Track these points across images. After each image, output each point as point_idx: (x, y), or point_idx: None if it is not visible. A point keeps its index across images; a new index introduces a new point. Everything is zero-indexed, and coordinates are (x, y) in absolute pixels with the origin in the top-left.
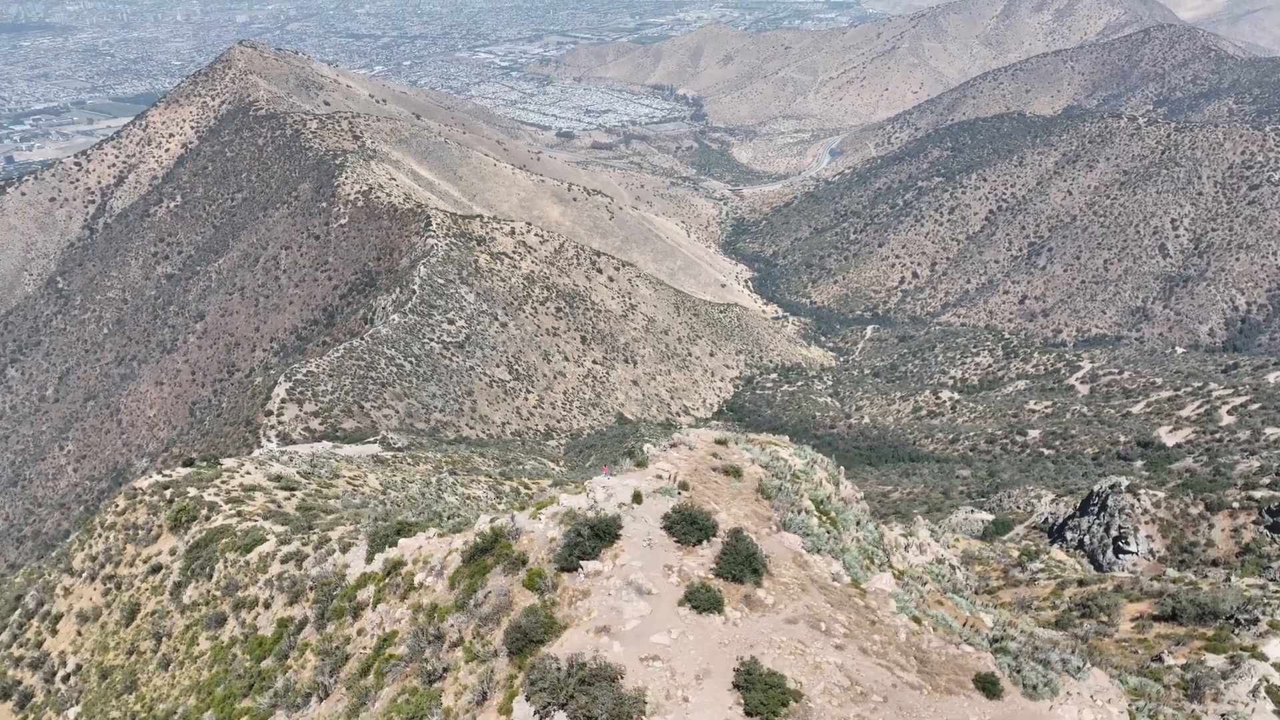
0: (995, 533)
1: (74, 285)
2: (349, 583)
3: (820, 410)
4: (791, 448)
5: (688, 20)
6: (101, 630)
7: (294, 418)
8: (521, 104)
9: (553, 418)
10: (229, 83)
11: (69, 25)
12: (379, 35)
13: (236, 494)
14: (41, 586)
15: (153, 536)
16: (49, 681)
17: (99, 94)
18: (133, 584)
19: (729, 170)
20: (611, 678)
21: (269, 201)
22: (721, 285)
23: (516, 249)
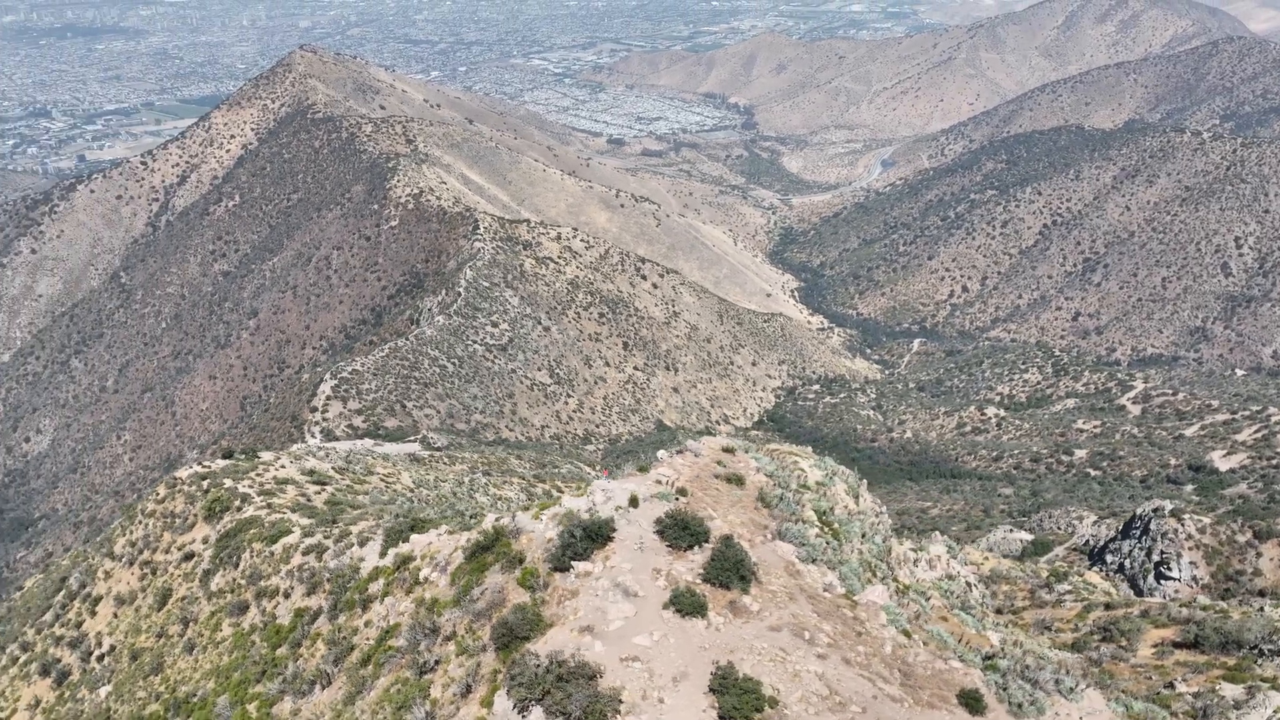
0: (1034, 553)
1: (136, 280)
2: (362, 576)
3: (862, 423)
4: (812, 459)
5: (742, 29)
6: (135, 613)
7: (338, 415)
8: (573, 110)
9: (592, 422)
10: (289, 86)
11: (141, 29)
12: (436, 41)
13: (269, 487)
14: (85, 569)
15: (188, 525)
16: (85, 661)
17: (167, 96)
18: (167, 570)
19: (778, 179)
20: (590, 676)
21: (323, 202)
22: (767, 295)
23: (562, 254)
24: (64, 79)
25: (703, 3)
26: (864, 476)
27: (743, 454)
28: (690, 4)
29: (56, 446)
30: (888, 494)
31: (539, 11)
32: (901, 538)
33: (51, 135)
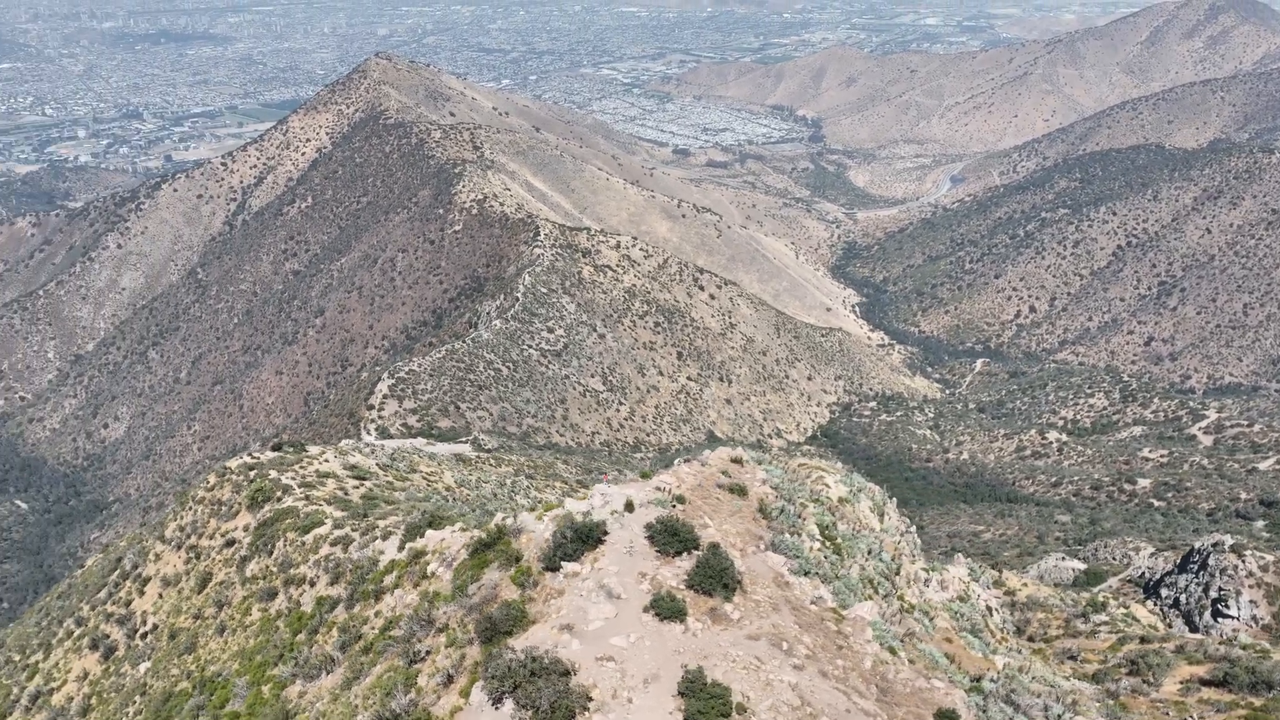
0: (1086, 583)
1: (211, 276)
2: (379, 568)
3: (917, 442)
4: (838, 475)
5: (812, 41)
6: (178, 595)
7: (393, 413)
8: (640, 120)
9: (642, 431)
10: (363, 92)
11: (229, 36)
12: (508, 50)
13: (310, 479)
14: (138, 551)
15: (232, 513)
16: (131, 638)
17: (250, 100)
18: (209, 555)
19: (844, 193)
20: (563, 672)
21: (390, 206)
22: (827, 309)
23: (620, 262)
24: (156, 83)
25: (774, 15)
26: (916, 497)
27: (751, 465)
28: (761, 16)
29: (131, 434)
30: (940, 515)
31: (610, 22)
32: (914, 558)
33: (142, 136)
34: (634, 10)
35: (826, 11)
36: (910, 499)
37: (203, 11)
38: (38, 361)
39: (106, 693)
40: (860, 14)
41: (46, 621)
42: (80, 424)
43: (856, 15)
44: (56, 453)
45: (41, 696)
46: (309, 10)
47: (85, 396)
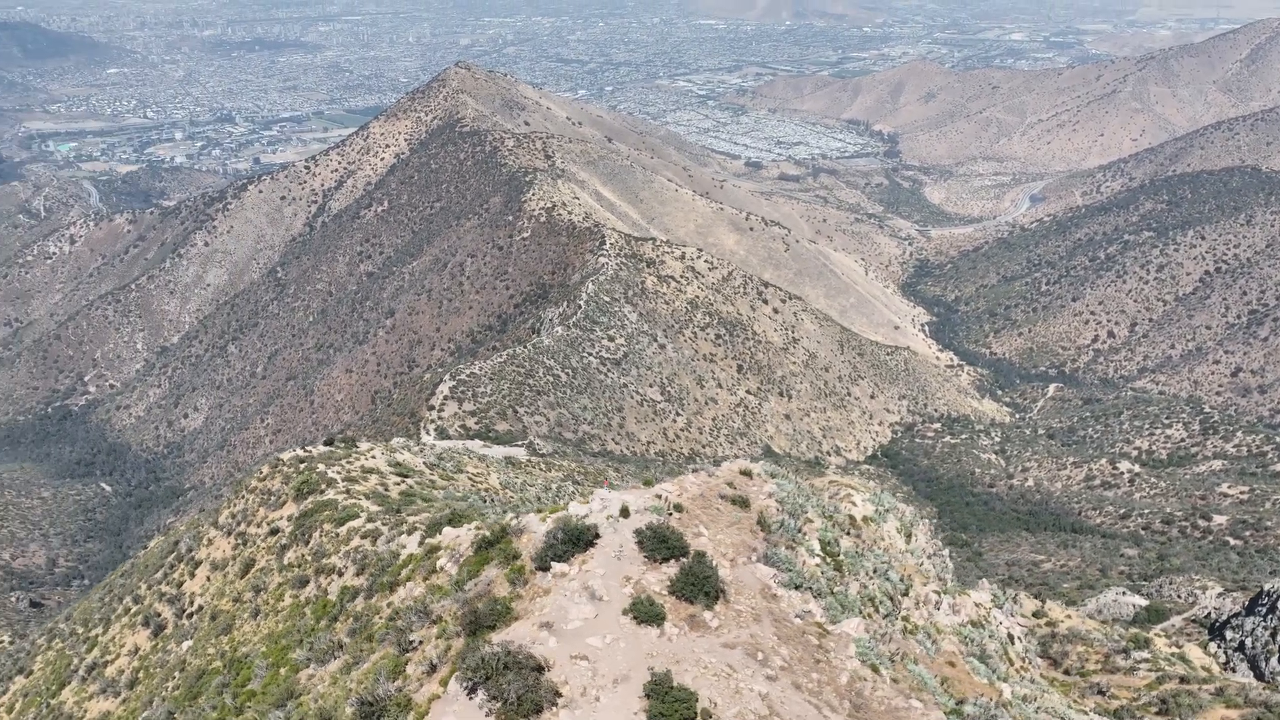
0: (1147, 620)
1: (290, 275)
2: (399, 562)
3: (981, 467)
4: (867, 494)
5: (892, 56)
6: (223, 578)
7: (453, 414)
8: (714, 132)
9: (698, 442)
10: (442, 100)
11: (319, 44)
12: (586, 61)
13: (355, 474)
14: (193, 535)
15: (280, 502)
16: (179, 617)
17: (336, 106)
18: (254, 542)
19: (918, 210)
20: (535, 667)
21: (462, 212)
22: (895, 327)
23: (684, 273)
24: (248, 88)
25: (853, 29)
26: (977, 522)
27: (760, 479)
28: (840, 30)
29: (209, 424)
30: (1000, 543)
31: (687, 34)
32: (940, 580)
33: (233, 139)
34: (712, 23)
35: (908, 26)
36: (970, 524)
37: (295, 20)
38: (127, 352)
39: (152, 668)
40: (942, 29)
41: (109, 598)
42: (162, 413)
43: (938, 30)
44: (140, 439)
45: (97, 668)
46: (395, 20)
47: (168, 387)
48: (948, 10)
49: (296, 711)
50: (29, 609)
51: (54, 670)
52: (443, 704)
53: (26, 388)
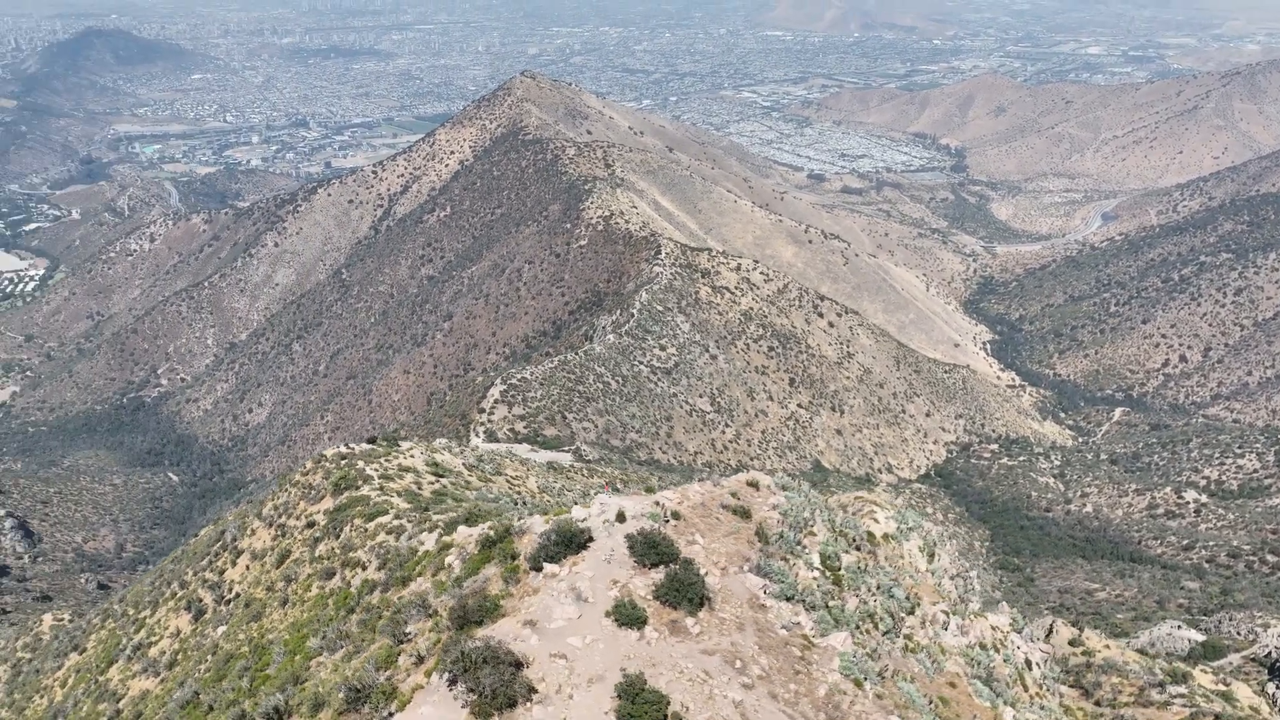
0: (1203, 656)
1: (354, 277)
2: (415, 558)
3: (1038, 490)
4: (891, 511)
5: (962, 69)
6: (260, 567)
7: (502, 418)
8: (777, 144)
9: (746, 454)
10: (506, 108)
11: (391, 52)
12: (651, 71)
13: (391, 472)
14: (239, 525)
15: (319, 497)
16: (218, 603)
17: (405, 112)
18: (292, 534)
19: (984, 226)
20: (513, 663)
21: (522, 218)
22: (955, 345)
23: (739, 285)
24: (323, 94)
25: (923, 41)
26: (1030, 547)
27: (767, 491)
28: (910, 42)
29: (272, 420)
30: (1053, 569)
31: (754, 45)
32: (960, 601)
33: (306, 144)
34: (779, 34)
35: (979, 39)
36: (1023, 548)
37: (370, 29)
38: (198, 347)
39: (190, 650)
40: (1016, 42)
41: (159, 582)
42: (229, 407)
43: (1011, 43)
44: (206, 432)
45: (142, 648)
46: (466, 30)
47: (235, 382)
48: (1021, 24)
49: (297, 695)
50: (96, 590)
51: (104, 649)
52: (424, 694)
53: (104, 378)
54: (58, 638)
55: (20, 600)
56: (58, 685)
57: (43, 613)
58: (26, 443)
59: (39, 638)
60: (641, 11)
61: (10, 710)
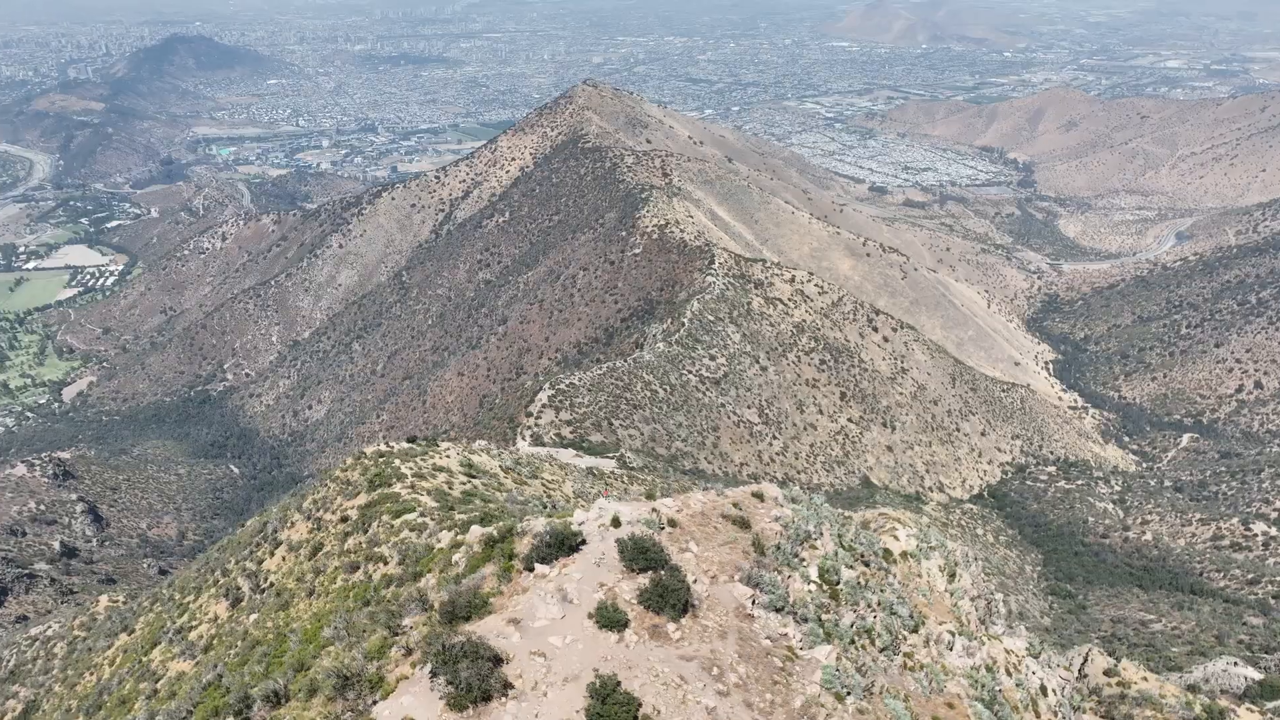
0: (1260, 695)
1: (413, 279)
2: (429, 555)
3: (1095, 516)
4: (912, 530)
5: (1033, 82)
6: (295, 559)
7: (549, 422)
8: (839, 155)
9: (793, 468)
10: (567, 117)
11: (459, 60)
12: (714, 81)
13: (425, 471)
14: (280, 517)
15: (354, 492)
16: (254, 591)
17: (470, 119)
18: (327, 527)
19: (1050, 243)
20: (493, 659)
21: (579, 225)
22: (1015, 363)
23: (792, 296)
24: (392, 100)
25: (993, 54)
26: (1084, 573)
27: (772, 502)
28: (979, 54)
29: (330, 416)
30: (1107, 597)
31: (819, 56)
32: (981, 623)
33: (374, 148)
34: (845, 45)
35: (1053, 51)
36: (1077, 575)
37: (439, 37)
38: (263, 344)
39: (224, 636)
40: (1090, 54)
41: (204, 569)
42: (289, 403)
43: (1086, 56)
44: (268, 426)
45: (183, 632)
46: (533, 38)
47: (296, 379)
48: (1097, 36)
49: (297, 680)
50: (157, 576)
51: (150, 631)
52: (408, 684)
53: (174, 371)
54: (110, 618)
55: (87, 582)
56: (106, 664)
57: (101, 594)
58: (100, 430)
59: (94, 617)
60: (707, 22)
61: (63, 685)
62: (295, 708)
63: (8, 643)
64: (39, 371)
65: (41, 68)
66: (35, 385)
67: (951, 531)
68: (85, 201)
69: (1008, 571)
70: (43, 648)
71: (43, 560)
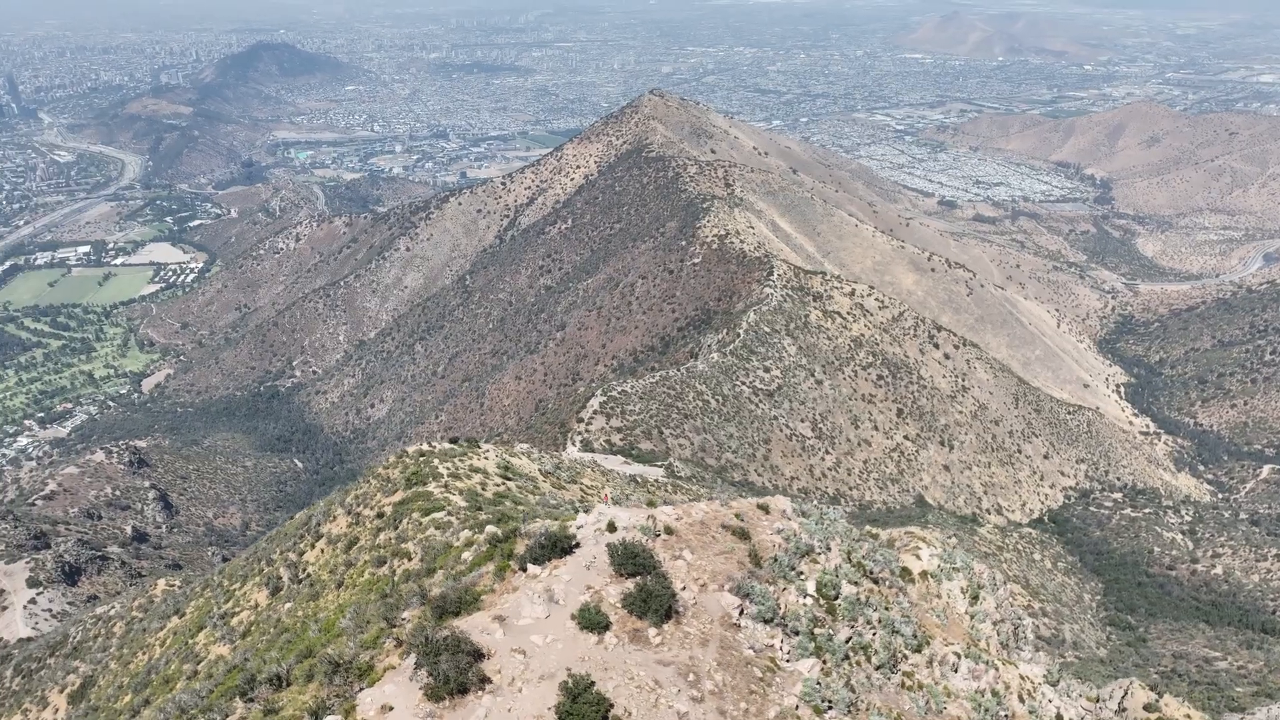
0: None
1: (476, 284)
2: (445, 552)
3: (1162, 546)
4: (935, 549)
5: (1114, 96)
6: (332, 551)
7: (599, 429)
8: (908, 168)
9: (845, 483)
10: (633, 126)
11: (531, 68)
12: (783, 92)
13: (461, 471)
14: (325, 511)
15: (392, 490)
16: (292, 581)
17: (539, 127)
18: (364, 523)
19: (1127, 262)
20: (473, 653)
21: (639, 234)
22: (1084, 385)
23: (851, 310)
24: (464, 107)
25: (1073, 67)
26: (1147, 605)
27: (779, 515)
28: (1058, 68)
29: (391, 415)
30: (1170, 631)
31: (891, 68)
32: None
33: (445, 154)
34: (918, 57)
35: (1136, 64)
36: (1138, 606)
37: (512, 46)
38: (331, 343)
39: (261, 623)
40: (1176, 68)
41: (252, 558)
42: (353, 401)
43: (1171, 69)
44: (331, 423)
45: (227, 617)
46: (603, 48)
47: (360, 378)
48: (1185, 49)
49: (300, 666)
50: (220, 564)
51: (198, 615)
52: (394, 674)
53: (246, 366)
54: (165, 601)
55: (154, 566)
56: (158, 645)
57: (160, 578)
58: (175, 421)
59: (151, 600)
60: (777, 33)
61: (118, 663)
62: (294, 691)
63: (76, 620)
64: (121, 363)
65: (136, 73)
66: (117, 376)
67: (1006, 555)
68: (170, 201)
69: (1064, 599)
70: (104, 626)
71: (115, 544)
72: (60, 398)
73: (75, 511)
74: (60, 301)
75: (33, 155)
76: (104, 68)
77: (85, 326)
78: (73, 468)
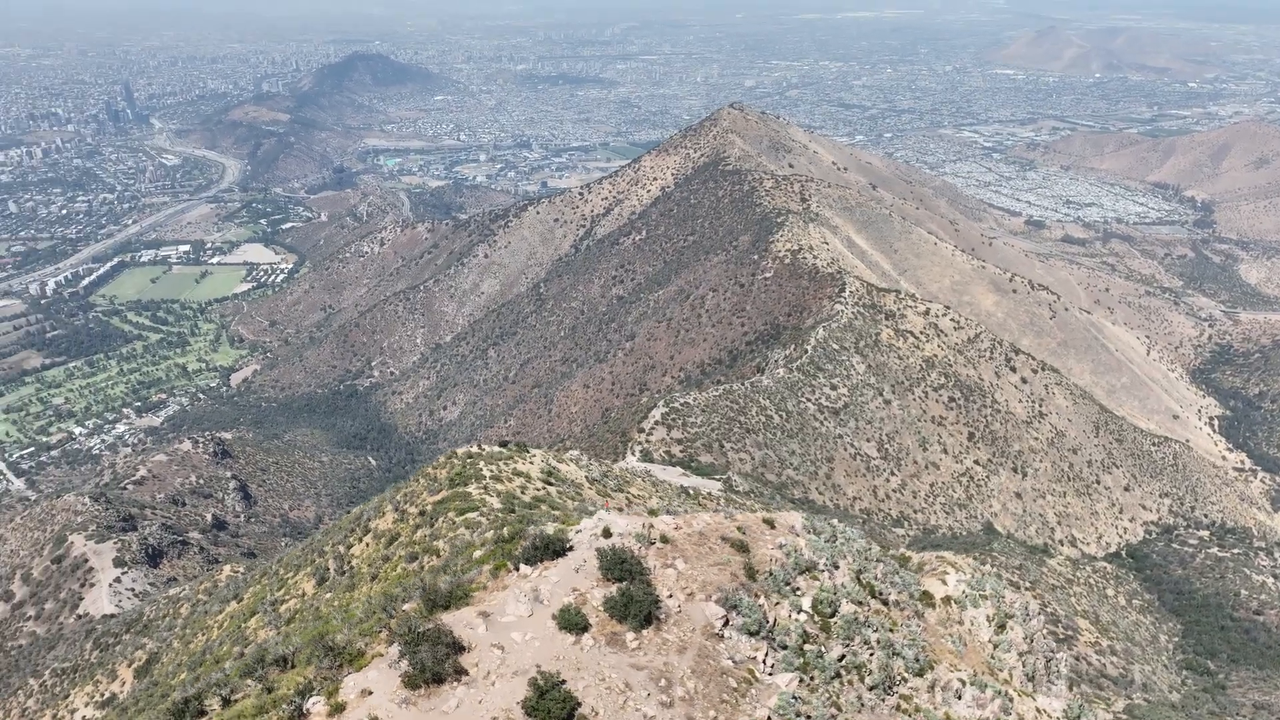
0: None
1: (550, 291)
2: (465, 549)
3: (1250, 589)
4: (964, 575)
5: (1220, 115)
6: (375, 546)
7: (660, 440)
8: (995, 186)
9: (910, 506)
10: (711, 139)
11: (614, 81)
12: (868, 107)
13: (504, 474)
14: (375, 507)
15: (438, 489)
16: (337, 573)
17: (621, 138)
18: (407, 519)
19: (1227, 289)
20: (452, 645)
21: (712, 247)
22: (1174, 416)
23: (925, 330)
24: (547, 118)
25: (1175, 84)
26: (1229, 651)
27: (787, 530)
28: (1159, 85)
29: (462, 418)
30: (1253, 680)
31: (981, 84)
32: (1033, 680)
33: (527, 164)
34: (1009, 73)
35: (1245, 82)
36: (1220, 651)
37: (597, 58)
38: (408, 345)
39: (305, 611)
40: None
41: (308, 550)
42: (427, 403)
43: None
44: (405, 423)
45: (276, 604)
46: (687, 61)
47: (435, 380)
48: None
49: (306, 650)
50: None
51: (253, 601)
52: (379, 660)
53: (328, 365)
54: (227, 586)
55: (230, 554)
56: (216, 627)
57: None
58: (259, 415)
59: (215, 584)
60: (864, 47)
61: (180, 642)
62: (294, 673)
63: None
64: (213, 357)
65: (240, 81)
66: (209, 369)
67: (1076, 589)
68: (265, 204)
69: (1137, 639)
70: (172, 606)
71: (196, 529)
72: (156, 388)
73: (162, 497)
74: (160, 297)
75: (143, 159)
76: (211, 76)
77: (182, 321)
78: (162, 455)
